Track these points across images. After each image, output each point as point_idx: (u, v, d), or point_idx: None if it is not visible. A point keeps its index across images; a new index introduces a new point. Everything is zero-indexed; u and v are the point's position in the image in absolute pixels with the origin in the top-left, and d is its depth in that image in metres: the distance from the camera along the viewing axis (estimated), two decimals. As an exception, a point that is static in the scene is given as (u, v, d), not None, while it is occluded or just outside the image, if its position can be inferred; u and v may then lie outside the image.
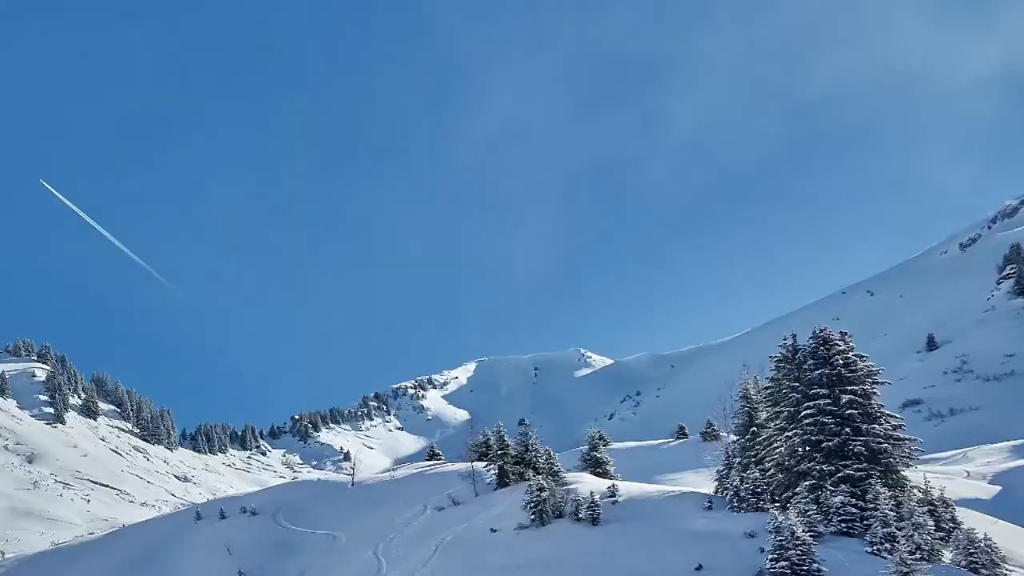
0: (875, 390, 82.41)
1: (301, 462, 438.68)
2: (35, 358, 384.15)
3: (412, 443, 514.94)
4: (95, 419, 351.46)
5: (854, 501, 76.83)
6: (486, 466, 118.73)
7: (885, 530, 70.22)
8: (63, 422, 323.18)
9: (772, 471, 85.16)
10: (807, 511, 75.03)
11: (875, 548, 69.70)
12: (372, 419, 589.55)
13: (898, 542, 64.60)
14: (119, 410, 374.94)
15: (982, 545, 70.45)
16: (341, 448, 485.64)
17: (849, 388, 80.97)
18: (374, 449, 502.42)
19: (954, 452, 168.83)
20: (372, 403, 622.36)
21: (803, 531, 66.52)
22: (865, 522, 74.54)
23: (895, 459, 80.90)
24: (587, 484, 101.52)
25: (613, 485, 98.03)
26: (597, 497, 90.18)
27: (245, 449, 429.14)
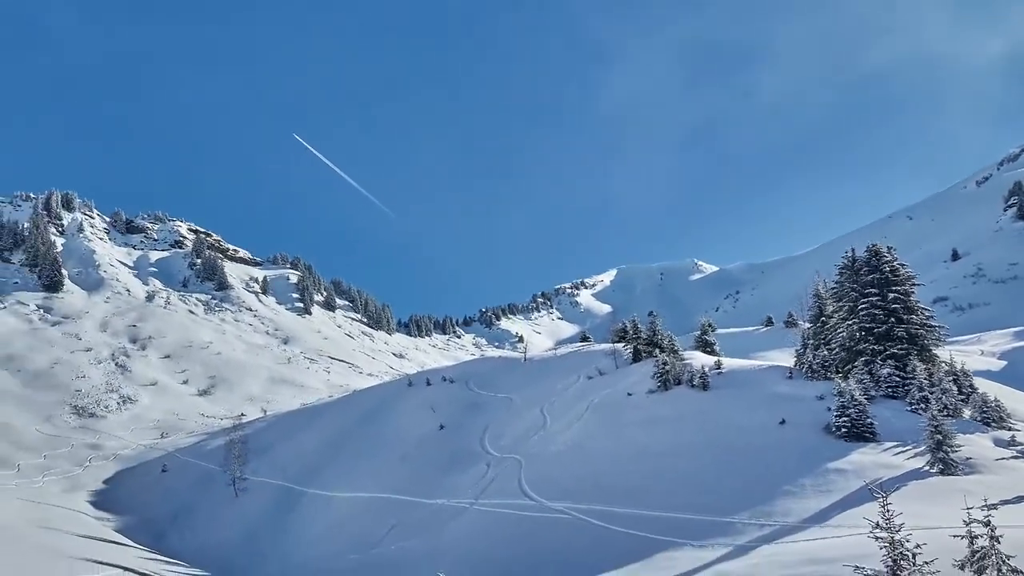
0: (913, 290, 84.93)
1: (486, 343, 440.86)
2: (289, 266, 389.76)
3: (569, 329, 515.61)
4: (333, 311, 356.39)
5: (897, 372, 79.61)
6: (624, 346, 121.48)
7: (920, 394, 73.07)
8: (310, 313, 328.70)
9: (836, 350, 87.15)
10: (862, 380, 77.68)
11: (913, 407, 72.80)
12: (539, 311, 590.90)
13: (930, 403, 67.24)
14: (351, 304, 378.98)
15: (992, 405, 72.71)
16: (516, 333, 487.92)
17: (894, 288, 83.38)
18: (540, 334, 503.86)
19: (971, 336, 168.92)
20: (539, 299, 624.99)
21: (859, 394, 69.45)
22: (905, 388, 77.38)
23: (928, 341, 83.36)
24: (699, 359, 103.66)
25: (718, 360, 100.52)
26: (706, 369, 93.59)
27: (445, 334, 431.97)
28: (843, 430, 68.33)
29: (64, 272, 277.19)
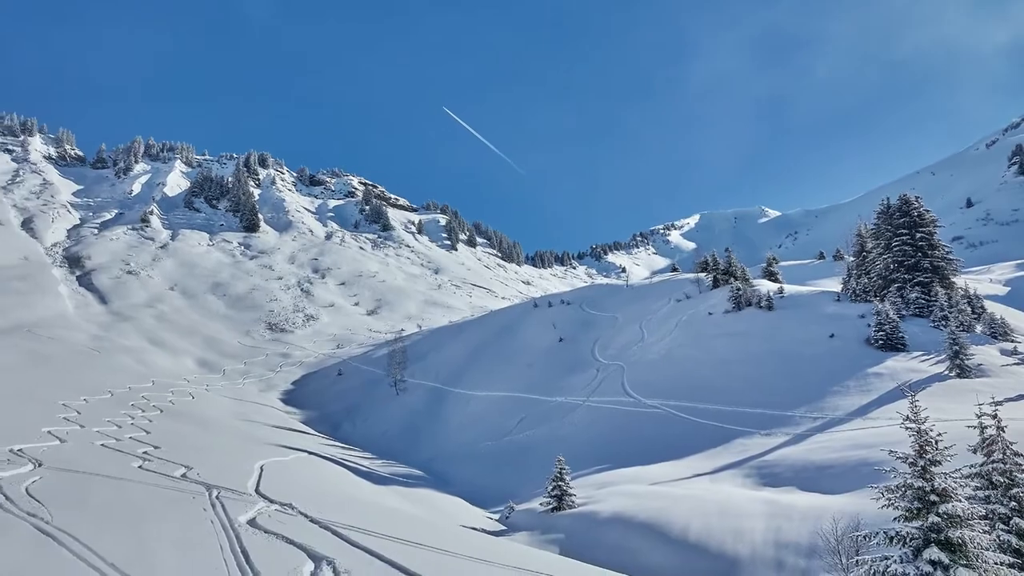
0: (935, 231, 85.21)
1: (596, 273, 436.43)
2: (439, 211, 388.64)
3: (661, 262, 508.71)
4: (474, 247, 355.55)
5: (923, 296, 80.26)
6: (705, 275, 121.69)
7: (941, 313, 73.74)
8: (455, 249, 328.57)
9: (875, 278, 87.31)
10: (895, 302, 78.77)
11: (936, 324, 73.64)
12: (638, 247, 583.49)
13: (949, 320, 68.22)
14: (488, 242, 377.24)
15: (999, 322, 73.56)
16: (619, 264, 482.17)
17: (920, 229, 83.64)
18: (639, 265, 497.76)
19: (982, 267, 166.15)
20: (638, 237, 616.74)
21: (893, 314, 70.79)
22: (929, 308, 78.03)
23: (947, 271, 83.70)
24: (765, 286, 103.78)
25: (780, 287, 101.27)
26: (771, 293, 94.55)
27: (563, 265, 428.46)
28: (880, 342, 70.31)
29: (260, 216, 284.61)
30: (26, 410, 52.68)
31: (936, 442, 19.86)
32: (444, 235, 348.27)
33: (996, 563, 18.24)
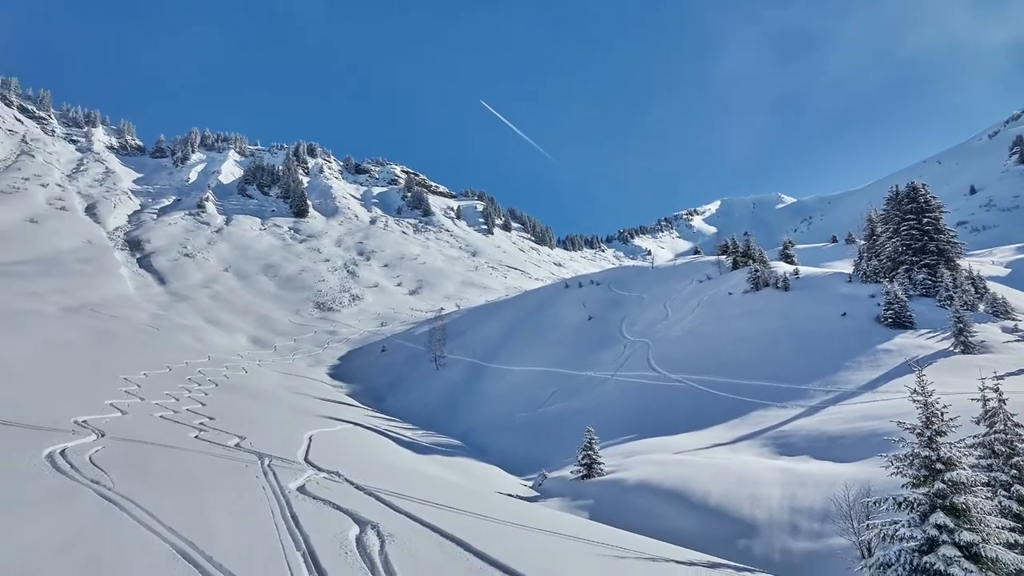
0: (941, 216, 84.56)
1: (623, 255, 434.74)
2: (476, 198, 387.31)
3: (684, 245, 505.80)
4: (509, 232, 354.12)
5: (929, 277, 79.74)
6: (726, 257, 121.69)
7: (947, 293, 73.38)
8: (492, 233, 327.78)
9: (884, 260, 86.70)
10: (903, 283, 78.26)
11: (941, 303, 73.26)
12: (662, 231, 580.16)
13: (954, 300, 67.79)
14: (523, 226, 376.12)
15: (1000, 301, 72.70)
16: (645, 247, 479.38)
17: (927, 215, 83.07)
18: (663, 248, 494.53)
19: (984, 250, 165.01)
20: (662, 222, 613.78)
21: (901, 294, 70.36)
22: (935, 288, 77.57)
23: (952, 254, 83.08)
24: (782, 267, 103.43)
25: (796, 268, 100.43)
26: (787, 274, 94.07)
27: (592, 248, 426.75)
28: (889, 320, 70.02)
29: (309, 203, 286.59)
30: (91, 384, 53.23)
31: (942, 414, 19.87)
32: (481, 220, 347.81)
33: (998, 527, 18.25)
